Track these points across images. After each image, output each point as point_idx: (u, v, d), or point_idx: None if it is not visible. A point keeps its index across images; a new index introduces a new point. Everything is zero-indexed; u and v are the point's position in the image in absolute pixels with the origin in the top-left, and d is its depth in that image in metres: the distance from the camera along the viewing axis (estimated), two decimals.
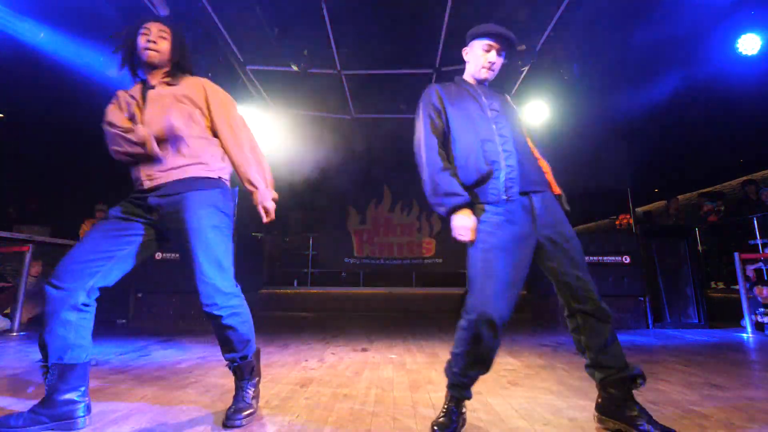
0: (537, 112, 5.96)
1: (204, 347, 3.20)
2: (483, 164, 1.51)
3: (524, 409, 1.74)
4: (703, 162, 8.01)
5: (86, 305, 1.50)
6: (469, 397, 1.49)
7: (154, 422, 1.53)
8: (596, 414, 1.52)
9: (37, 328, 4.21)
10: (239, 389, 1.61)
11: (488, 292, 1.40)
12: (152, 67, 1.69)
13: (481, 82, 1.72)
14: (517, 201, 1.48)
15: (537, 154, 1.64)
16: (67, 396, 1.45)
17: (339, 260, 8.25)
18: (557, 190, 1.60)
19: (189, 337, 3.70)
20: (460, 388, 1.48)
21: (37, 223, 6.11)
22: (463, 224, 1.46)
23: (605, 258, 4.73)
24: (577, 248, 1.50)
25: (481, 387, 2.09)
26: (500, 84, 6.21)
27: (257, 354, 1.71)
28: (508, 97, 1.78)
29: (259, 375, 1.70)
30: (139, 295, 4.88)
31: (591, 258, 4.73)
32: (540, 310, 5.31)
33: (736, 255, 4.30)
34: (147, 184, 1.59)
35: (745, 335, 3.96)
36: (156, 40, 1.67)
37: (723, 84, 5.36)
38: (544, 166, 1.63)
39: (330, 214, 8.50)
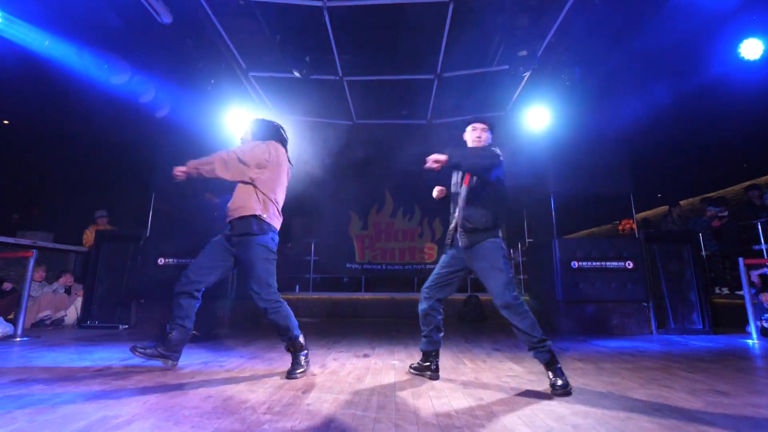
0: (538, 117, 5.97)
1: (206, 353, 3.20)
2: None
3: (527, 416, 1.72)
4: (706, 167, 7.99)
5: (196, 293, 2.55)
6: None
7: (156, 428, 1.52)
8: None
9: (39, 332, 4.22)
10: (293, 359, 2.50)
11: None
12: None
13: None
14: None
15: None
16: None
17: (341, 266, 8.23)
18: None
19: (191, 343, 3.69)
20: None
21: (40, 228, 6.13)
22: None
23: (608, 263, 4.71)
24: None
25: (484, 394, 2.08)
26: (502, 91, 6.25)
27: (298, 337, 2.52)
28: None
29: (304, 349, 2.53)
30: (142, 301, 4.89)
31: (594, 263, 4.71)
32: (540, 316, 5.27)
33: (741, 260, 4.27)
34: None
35: (750, 341, 3.93)
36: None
37: (725, 89, 5.37)
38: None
39: (332, 219, 8.49)
